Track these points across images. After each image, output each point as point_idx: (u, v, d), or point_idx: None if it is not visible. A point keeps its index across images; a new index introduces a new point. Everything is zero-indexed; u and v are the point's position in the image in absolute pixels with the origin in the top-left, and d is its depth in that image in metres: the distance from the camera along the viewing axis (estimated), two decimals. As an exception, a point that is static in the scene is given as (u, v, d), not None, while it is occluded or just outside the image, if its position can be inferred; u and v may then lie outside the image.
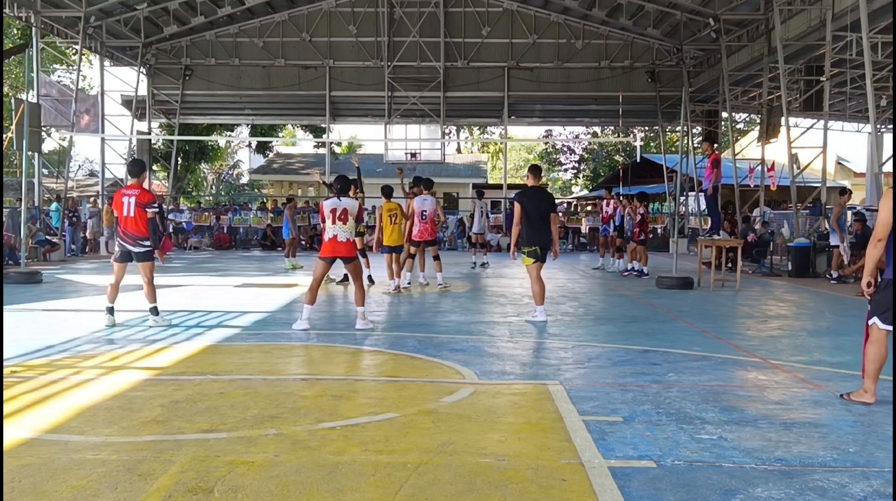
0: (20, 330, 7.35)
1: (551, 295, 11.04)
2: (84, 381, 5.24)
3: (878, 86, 21.30)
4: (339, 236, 7.65)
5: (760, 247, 17.38)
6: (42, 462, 3.58)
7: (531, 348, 6.86)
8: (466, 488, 3.30)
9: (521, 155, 54.30)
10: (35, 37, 21.26)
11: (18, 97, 22.45)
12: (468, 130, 46.28)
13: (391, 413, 4.49)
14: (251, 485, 3.30)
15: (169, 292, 11.22)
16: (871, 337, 4.81)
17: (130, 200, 7.69)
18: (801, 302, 11.12)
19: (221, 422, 4.25)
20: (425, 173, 31.47)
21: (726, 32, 21.45)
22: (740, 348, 6.87)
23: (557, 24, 25.89)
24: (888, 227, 4.67)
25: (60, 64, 31.74)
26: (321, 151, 36.27)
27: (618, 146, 42.95)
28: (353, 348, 6.77)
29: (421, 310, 9.59)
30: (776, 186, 21.05)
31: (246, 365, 5.91)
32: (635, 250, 14.86)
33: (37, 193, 20.32)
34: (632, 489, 3.29)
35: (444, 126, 28.46)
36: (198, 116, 30.24)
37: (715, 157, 12.28)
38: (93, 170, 35.34)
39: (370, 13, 25.81)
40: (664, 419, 4.39)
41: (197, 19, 24.28)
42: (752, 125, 33.46)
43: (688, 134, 24.90)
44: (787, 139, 18.12)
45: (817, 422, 4.39)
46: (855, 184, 33.68)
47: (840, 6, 15.74)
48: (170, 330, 7.56)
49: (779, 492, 3.28)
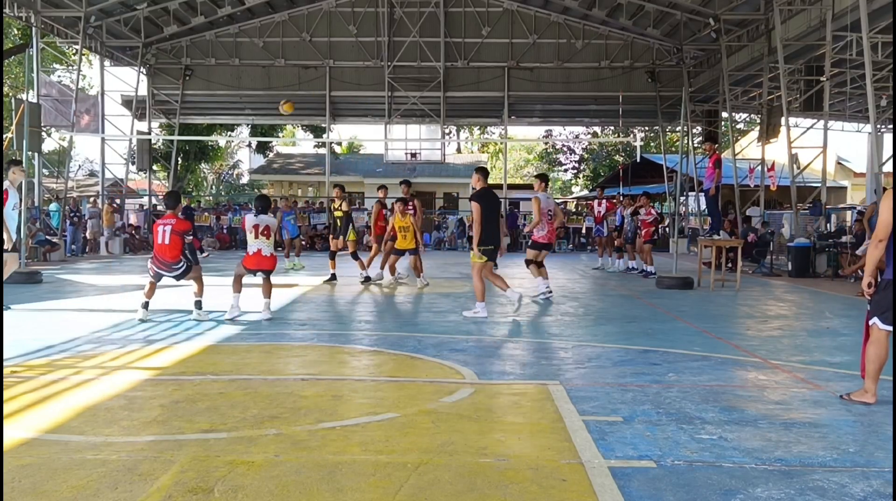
0: (20, 330, 7.35)
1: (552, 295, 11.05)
2: (84, 381, 5.23)
3: (878, 86, 21.30)
4: (263, 250, 8.35)
5: (760, 247, 17.38)
6: (42, 462, 3.58)
7: (531, 348, 6.86)
8: (466, 488, 3.30)
9: (521, 155, 54.30)
10: (35, 37, 21.26)
11: (18, 97, 22.44)
12: (468, 130, 46.27)
13: (391, 413, 4.49)
14: (251, 485, 3.30)
15: (169, 292, 11.23)
16: (871, 337, 4.81)
17: (166, 229, 8.06)
18: (801, 302, 11.12)
19: (221, 422, 4.25)
20: (425, 173, 31.65)
21: (726, 32, 21.45)
22: (740, 348, 6.87)
23: (557, 24, 25.89)
24: (889, 227, 4.67)
25: (60, 64, 31.73)
26: (321, 150, 36.26)
27: (618, 146, 42.94)
28: (353, 348, 6.77)
29: (421, 310, 9.59)
30: (776, 187, 21.05)
31: (246, 365, 5.91)
32: (642, 249, 14.81)
33: (37, 193, 20.31)
34: (632, 489, 3.29)
35: (444, 126, 28.46)
36: (198, 116, 30.24)
37: (717, 157, 12.28)
38: (93, 170, 35.34)
39: (370, 13, 25.80)
40: (664, 419, 4.39)
41: (197, 19, 24.29)
42: (752, 125, 33.46)
43: (688, 134, 24.90)
44: (787, 139, 18.12)
45: (817, 422, 4.39)
46: (855, 184, 33.73)
47: (840, 6, 15.74)
48: (170, 330, 7.57)
49: (779, 492, 3.28)
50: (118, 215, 23.01)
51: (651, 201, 15.25)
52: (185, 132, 29.37)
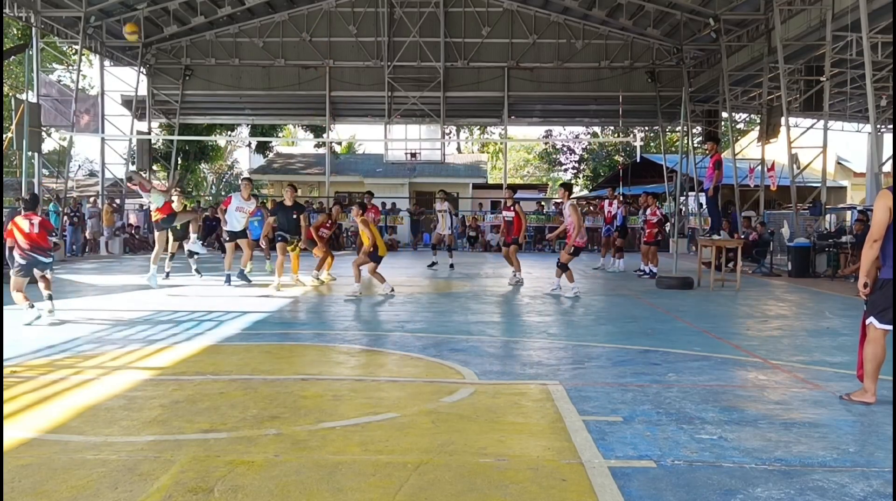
0: (21, 330, 7.35)
1: (552, 295, 11.05)
2: (84, 381, 5.24)
3: (878, 86, 21.32)
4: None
5: (760, 247, 17.38)
6: (42, 462, 3.58)
7: (531, 348, 6.85)
8: (466, 488, 3.30)
9: (521, 155, 54.30)
10: (35, 37, 21.25)
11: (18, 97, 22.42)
12: (468, 130, 46.27)
13: (391, 413, 4.49)
14: (251, 485, 3.30)
15: (169, 292, 11.23)
16: (868, 337, 4.81)
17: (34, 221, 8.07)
18: (801, 302, 11.12)
19: (221, 422, 4.25)
20: (425, 173, 31.63)
21: (726, 32, 21.45)
22: (740, 348, 6.87)
23: (557, 24, 25.88)
24: (884, 227, 4.68)
25: (60, 64, 31.73)
26: (321, 151, 36.27)
27: (618, 146, 42.93)
28: (353, 348, 6.77)
29: (421, 310, 9.59)
30: (776, 187, 21.06)
31: (246, 365, 5.91)
32: (647, 251, 14.79)
33: (37, 193, 20.29)
34: (632, 489, 3.30)
35: (444, 126, 28.46)
36: (198, 116, 30.23)
37: (717, 157, 12.28)
38: (93, 170, 35.35)
39: (370, 13, 25.81)
40: (664, 419, 4.39)
41: (197, 19, 24.29)
42: (752, 125, 33.48)
43: (688, 134, 24.91)
44: (787, 139, 18.12)
45: (817, 422, 4.39)
46: (855, 184, 33.71)
47: (840, 6, 15.74)
48: (170, 330, 7.56)
49: (779, 492, 3.28)
50: (118, 215, 23.01)
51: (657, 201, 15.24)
52: (184, 132, 29.36)
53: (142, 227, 25.32)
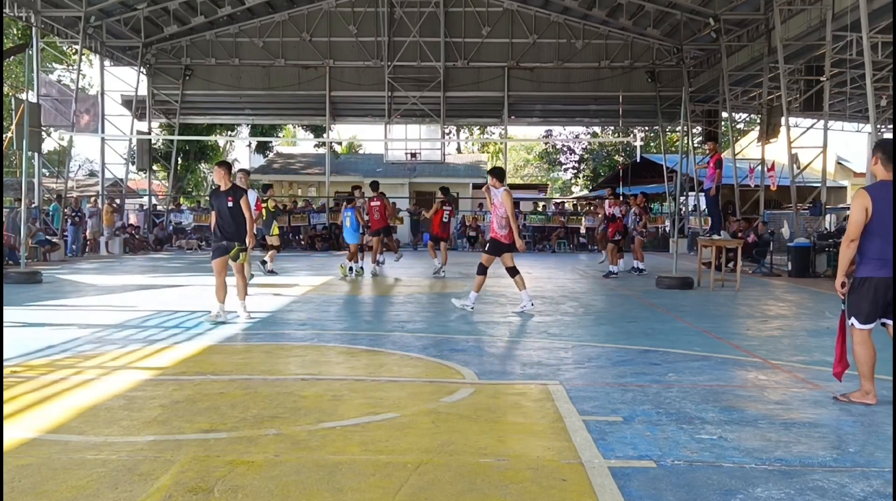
0: (21, 330, 7.35)
1: (552, 295, 11.05)
2: (84, 381, 5.23)
3: (878, 86, 21.30)
4: None
5: (760, 247, 17.37)
6: (42, 462, 3.58)
7: (531, 348, 6.85)
8: (466, 488, 3.30)
9: (521, 155, 54.30)
10: (35, 37, 21.26)
11: (18, 97, 22.44)
12: (468, 130, 46.26)
13: (391, 413, 4.49)
14: (251, 485, 3.30)
15: (169, 292, 11.23)
16: (854, 339, 4.80)
17: None
18: (801, 302, 11.12)
19: (221, 422, 4.24)
20: (425, 173, 31.63)
21: (726, 32, 21.46)
22: (740, 348, 6.87)
23: (557, 24, 25.89)
24: (860, 227, 4.69)
25: (60, 64, 31.73)
26: (321, 150, 36.27)
27: (618, 146, 42.94)
28: (353, 348, 6.77)
29: (421, 310, 9.59)
30: (776, 187, 21.06)
31: (246, 365, 5.91)
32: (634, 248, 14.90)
33: (37, 193, 20.31)
34: (632, 489, 3.29)
35: (444, 126, 28.47)
36: (198, 116, 30.25)
37: (718, 157, 12.28)
38: (93, 170, 35.33)
39: (370, 13, 25.81)
40: (664, 419, 4.38)
41: (197, 19, 24.30)
42: (752, 125, 33.47)
43: (688, 134, 24.91)
44: (787, 139, 18.12)
45: (817, 422, 4.39)
46: (855, 184, 33.70)
47: (840, 6, 15.75)
48: (170, 330, 7.56)
49: (779, 492, 3.28)
50: (118, 215, 23.02)
51: (647, 200, 15.33)
52: (184, 132, 29.37)
53: (142, 227, 25.34)
